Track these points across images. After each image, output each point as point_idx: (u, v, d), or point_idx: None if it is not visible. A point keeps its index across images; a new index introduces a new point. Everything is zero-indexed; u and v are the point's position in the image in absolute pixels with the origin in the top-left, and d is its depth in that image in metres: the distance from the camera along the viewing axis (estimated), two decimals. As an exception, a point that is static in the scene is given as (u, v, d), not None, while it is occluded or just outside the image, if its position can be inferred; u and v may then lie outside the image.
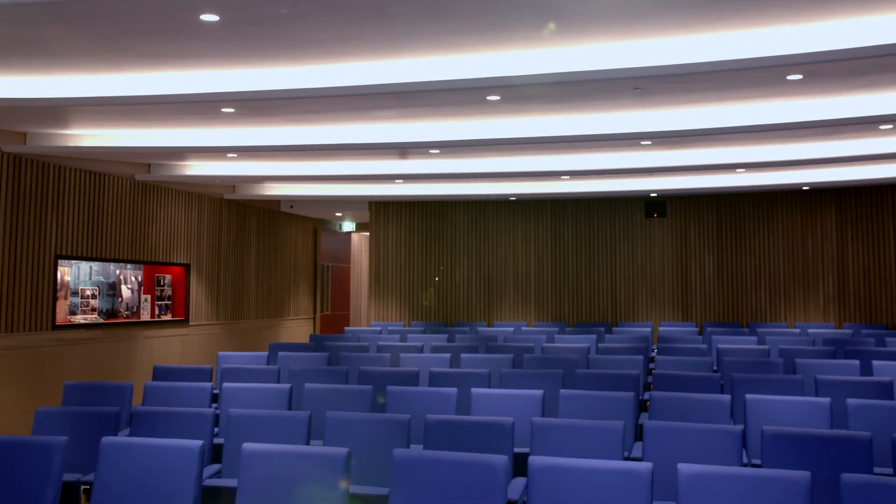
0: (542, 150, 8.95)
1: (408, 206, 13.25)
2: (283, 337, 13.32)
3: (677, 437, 4.12)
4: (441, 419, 4.52)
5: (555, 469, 3.34)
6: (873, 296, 11.53)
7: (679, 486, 3.20)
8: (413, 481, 3.51)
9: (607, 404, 5.08)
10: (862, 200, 11.65)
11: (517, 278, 12.87)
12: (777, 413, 4.84)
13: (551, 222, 12.80)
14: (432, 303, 12.52)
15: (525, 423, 5.02)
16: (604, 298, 12.53)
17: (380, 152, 8.99)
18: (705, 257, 12.20)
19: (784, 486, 3.10)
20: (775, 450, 3.94)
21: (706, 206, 12.23)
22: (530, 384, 6.03)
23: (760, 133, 7.75)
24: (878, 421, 4.67)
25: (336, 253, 15.26)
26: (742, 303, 12.02)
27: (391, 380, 6.35)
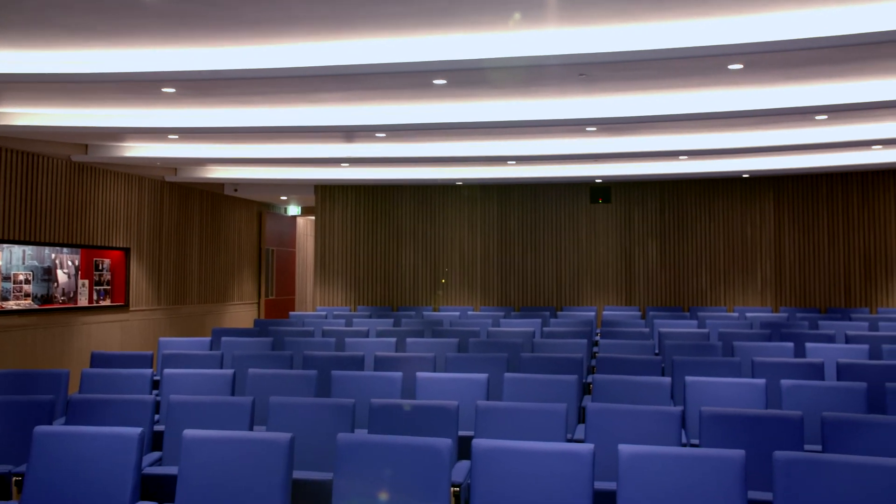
0: (489, 135, 8.97)
1: (354, 190, 13.15)
2: (227, 322, 13.13)
3: (619, 419, 4.19)
4: (386, 403, 4.51)
5: (498, 451, 3.37)
6: (807, 281, 11.90)
7: (619, 466, 3.26)
8: (357, 466, 3.49)
9: (551, 387, 5.14)
10: (798, 189, 11.99)
11: (463, 263, 12.91)
12: (715, 394, 4.96)
13: (497, 207, 12.86)
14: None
15: (470, 407, 5.05)
16: (549, 283, 12.66)
17: (325, 135, 8.89)
18: (648, 243, 12.42)
19: (719, 464, 3.18)
20: (712, 430, 4.04)
21: (650, 193, 12.44)
22: (475, 368, 6.06)
23: (702, 121, 7.90)
24: (810, 400, 4.83)
25: (281, 237, 15.08)
26: (684, 287, 12.28)
27: (336, 364, 6.31)
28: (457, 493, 3.97)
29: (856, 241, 11.76)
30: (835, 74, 6.35)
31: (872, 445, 3.85)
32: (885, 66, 6.11)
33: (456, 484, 3.98)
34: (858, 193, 11.78)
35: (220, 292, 12.97)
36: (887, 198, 11.69)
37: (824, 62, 5.91)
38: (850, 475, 3.07)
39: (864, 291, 11.71)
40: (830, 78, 6.47)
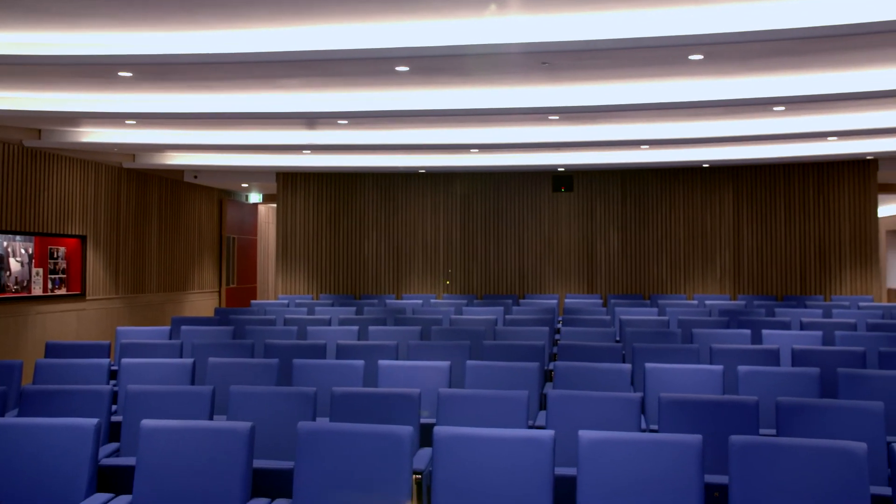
0: (452, 123, 8.95)
1: (316, 178, 13.05)
2: (187, 311, 12.96)
3: (579, 406, 4.23)
4: (347, 391, 4.49)
5: (459, 438, 3.38)
6: (764, 269, 12.12)
7: (579, 451, 3.29)
8: (318, 454, 3.47)
9: (513, 375, 5.17)
10: (756, 179, 12.19)
11: (426, 251, 12.90)
12: (674, 380, 5.04)
13: (460, 195, 12.86)
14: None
15: (432, 395, 5.05)
16: (512, 271, 12.72)
17: (287, 122, 8.79)
18: (610, 231, 12.53)
19: (677, 448, 3.23)
20: (671, 415, 4.10)
21: (611, 182, 12.54)
22: (438, 356, 6.07)
23: (664, 111, 7.97)
24: (765, 386, 4.92)
25: (242, 225, 14.90)
26: (644, 275, 12.42)
27: (298, 353, 6.27)
28: (419, 480, 3.98)
29: (811, 231, 12.01)
30: (793, 66, 6.45)
31: (824, 428, 3.94)
32: (841, 60, 6.23)
33: (418, 471, 3.98)
34: (814, 184, 12.02)
35: (179, 281, 12.79)
36: (841, 188, 11.94)
37: (783, 54, 6.00)
38: (803, 458, 3.14)
39: (818, 280, 11.97)
40: (788, 70, 6.57)
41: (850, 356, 5.79)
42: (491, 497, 3.29)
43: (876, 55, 6.09)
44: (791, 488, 3.11)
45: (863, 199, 11.89)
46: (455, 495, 3.32)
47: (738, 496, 3.15)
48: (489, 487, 3.30)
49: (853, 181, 11.91)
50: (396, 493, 3.37)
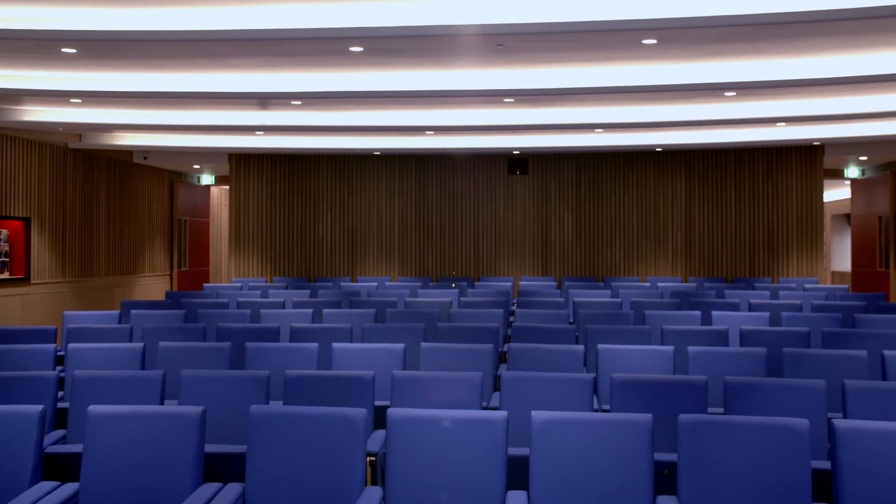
0: (407, 105, 8.90)
1: (269, 159, 12.88)
2: (138, 295, 12.72)
3: (533, 387, 4.27)
4: (301, 374, 4.46)
5: (413, 420, 3.38)
6: (715, 252, 12.35)
7: (532, 432, 3.31)
8: (270, 437, 3.45)
9: (467, 356, 5.18)
10: (708, 163, 12.38)
11: (381, 234, 12.86)
12: (626, 361, 5.10)
13: (416, 178, 12.83)
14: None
15: (387, 377, 5.05)
16: (467, 254, 12.75)
17: (239, 102, 8.64)
18: (564, 214, 12.63)
19: (628, 427, 3.28)
20: (622, 395, 4.16)
21: (566, 165, 12.62)
22: (392, 338, 6.05)
23: (618, 94, 8.04)
24: (714, 366, 5.02)
25: (194, 207, 14.65)
26: (598, 258, 12.56)
27: (251, 336, 6.20)
28: (373, 462, 3.98)
29: (760, 215, 12.26)
30: (743, 53, 6.54)
31: (770, 406, 4.04)
32: (790, 47, 6.34)
33: (372, 453, 3.98)
34: (763, 169, 12.26)
35: (129, 264, 12.54)
36: (789, 174, 12.21)
37: (734, 40, 6.08)
38: (749, 434, 3.21)
39: (766, 262, 12.24)
40: (739, 56, 6.67)
41: (795, 336, 5.93)
42: (445, 478, 3.30)
43: (824, 43, 6.21)
44: (737, 464, 3.18)
45: (809, 184, 12.17)
46: (409, 476, 3.32)
47: (686, 473, 3.21)
48: (443, 468, 3.31)
49: (800, 166, 12.18)
50: (350, 475, 3.37)
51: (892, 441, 3.14)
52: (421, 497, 3.30)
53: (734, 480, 3.17)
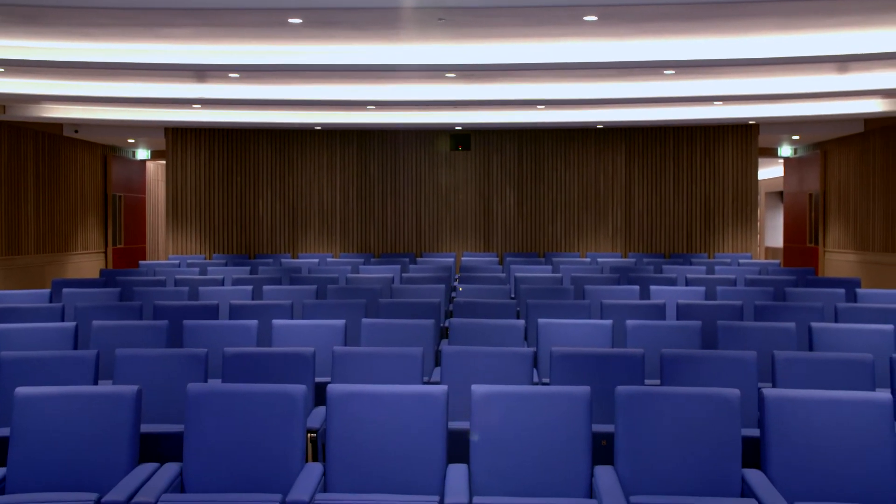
0: (348, 79, 8.78)
1: (207, 134, 12.59)
2: (70, 273, 12.33)
3: (474, 361, 4.29)
4: (239, 352, 4.40)
5: (353, 395, 3.36)
6: (654, 228, 12.59)
7: (472, 405, 3.34)
8: (209, 416, 3.39)
9: (408, 332, 5.18)
10: (648, 141, 12.57)
11: (323, 210, 12.73)
12: (566, 335, 5.17)
13: (357, 153, 12.71)
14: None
15: (327, 354, 5.01)
16: (409, 230, 12.73)
17: (175, 75, 8.39)
18: (506, 190, 12.68)
19: (566, 400, 3.32)
20: (562, 368, 4.21)
21: (508, 141, 12.66)
22: (333, 315, 6.01)
23: (559, 71, 8.07)
24: (652, 339, 5.12)
25: (129, 182, 14.24)
26: (540, 234, 12.68)
27: (189, 314, 6.08)
28: (313, 438, 3.96)
29: (697, 192, 12.53)
30: (682, 31, 6.62)
31: (704, 377, 4.15)
32: (727, 26, 6.44)
33: (312, 430, 3.95)
34: (701, 147, 12.51)
35: (61, 241, 12.14)
36: (725, 151, 12.48)
37: (673, 18, 6.15)
38: (683, 404, 3.30)
39: (703, 238, 12.53)
40: (678, 34, 6.75)
41: (729, 310, 6.10)
42: (385, 452, 3.31)
43: (759, 24, 6.33)
44: (671, 433, 3.26)
45: (745, 162, 12.47)
46: (349, 452, 3.32)
47: (622, 442, 3.28)
48: (384, 443, 3.31)
49: (736, 145, 12.46)
50: (290, 452, 3.34)
51: (817, 408, 3.26)
52: (361, 471, 3.30)
53: (668, 449, 3.25)
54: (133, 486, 3.12)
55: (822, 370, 4.20)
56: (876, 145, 11.50)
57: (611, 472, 3.27)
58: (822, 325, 5.15)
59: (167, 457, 3.84)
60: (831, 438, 3.21)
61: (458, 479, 3.18)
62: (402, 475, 3.28)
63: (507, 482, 3.25)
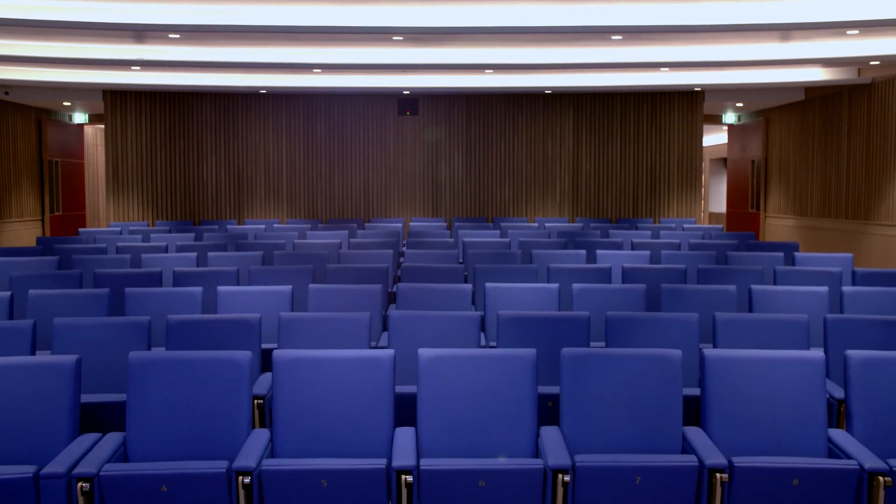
0: (293, 42, 8.60)
1: (148, 97, 12.22)
2: (5, 242, 11.93)
3: (421, 325, 4.30)
4: (184, 319, 4.32)
5: (299, 361, 3.34)
6: (601, 193, 12.72)
7: (419, 369, 3.34)
8: (151, 384, 3.34)
9: (356, 297, 5.16)
10: (595, 106, 12.63)
11: (269, 175, 12.53)
12: (513, 299, 5.21)
13: (304, 118, 12.51)
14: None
15: (274, 320, 4.96)
16: (357, 195, 12.62)
17: (111, 35, 8.09)
18: (455, 156, 12.65)
19: (512, 362, 3.36)
20: (508, 332, 4.25)
21: (456, 106, 12.59)
22: (280, 281, 5.94)
23: (507, 35, 8.01)
24: (597, 302, 5.20)
25: (66, 147, 13.77)
26: (488, 199, 12.70)
27: (131, 282, 5.94)
28: (260, 405, 3.93)
29: (644, 158, 12.67)
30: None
31: (648, 339, 4.23)
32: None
33: (259, 396, 3.92)
34: (647, 113, 12.62)
35: (-5, 208, 11.72)
36: (671, 118, 12.63)
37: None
38: (626, 365, 3.36)
39: (649, 203, 12.72)
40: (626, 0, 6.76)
41: (673, 273, 6.21)
42: (333, 417, 3.30)
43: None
44: (615, 393, 3.33)
45: (690, 128, 12.64)
46: (296, 417, 3.30)
47: (568, 403, 3.33)
48: (331, 408, 3.31)
49: (682, 111, 12.61)
50: (236, 418, 3.32)
51: (754, 367, 3.36)
52: (308, 437, 3.29)
53: (612, 408, 3.32)
54: (74, 457, 3.07)
55: (761, 331, 4.32)
56: (815, 113, 11.77)
57: (556, 432, 3.32)
58: (762, 288, 5.29)
59: (111, 427, 3.78)
60: (767, 395, 3.32)
61: (406, 442, 3.20)
62: (350, 439, 3.29)
63: (455, 444, 3.29)
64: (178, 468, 2.98)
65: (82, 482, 2.93)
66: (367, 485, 2.96)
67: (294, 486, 2.97)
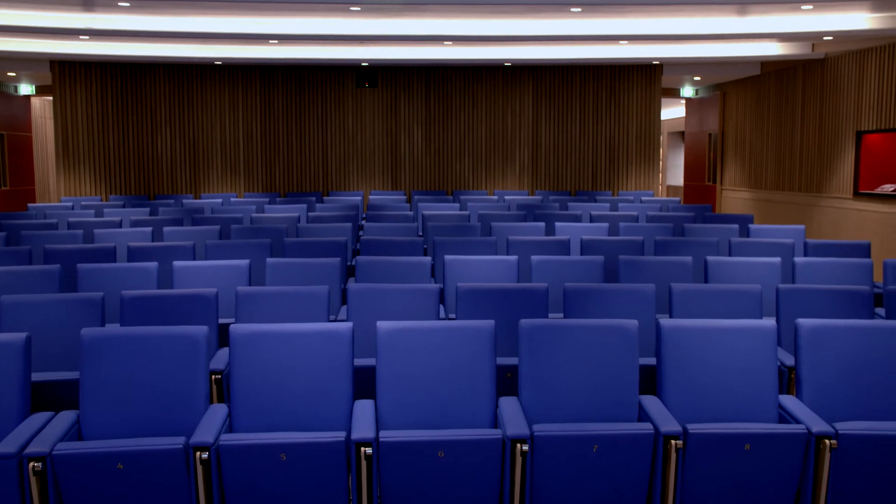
0: (248, 11, 8.41)
1: (99, 68, 11.89)
2: (-48, 217, 11.58)
3: (380, 298, 4.28)
4: (138, 294, 4.25)
5: (256, 335, 3.31)
6: (560, 166, 12.77)
7: (378, 341, 3.33)
8: (106, 361, 3.28)
9: (315, 271, 5.12)
10: (555, 79, 12.63)
11: (225, 148, 12.32)
12: (472, 271, 5.22)
13: (261, 90, 12.29)
14: None
15: (232, 295, 4.90)
16: (315, 168, 12.49)
17: (58, 1, 7.83)
18: (414, 128, 12.57)
19: (471, 334, 3.36)
20: (467, 304, 4.25)
21: (416, 78, 12.49)
22: (237, 255, 5.87)
23: (466, 6, 7.94)
24: (556, 274, 5.23)
25: (13, 119, 13.35)
26: (448, 172, 12.67)
27: (83, 258, 5.82)
28: (218, 380, 3.89)
29: (602, 130, 12.73)
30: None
31: (606, 309, 4.27)
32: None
33: (217, 371, 3.88)
34: (607, 86, 12.66)
35: (-60, 183, 11.35)
36: (630, 91, 12.69)
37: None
38: (584, 336, 3.39)
39: (608, 176, 12.80)
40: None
41: (630, 245, 6.27)
42: (291, 391, 3.28)
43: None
44: (573, 363, 3.36)
45: (648, 102, 12.72)
46: (254, 392, 3.27)
47: (526, 373, 3.35)
48: (289, 382, 3.29)
49: (640, 85, 12.68)
50: (194, 394, 3.28)
51: (709, 336, 3.41)
52: (267, 411, 3.27)
53: (570, 378, 3.35)
54: (25, 437, 3.00)
55: (716, 301, 4.39)
56: (771, 88, 11.93)
57: (514, 402, 3.35)
58: (717, 259, 5.37)
59: (64, 406, 3.71)
60: (721, 363, 3.38)
61: (365, 415, 3.20)
62: (309, 413, 3.27)
63: (414, 416, 3.29)
64: (134, 445, 2.94)
65: (34, 462, 2.87)
66: (326, 457, 2.95)
67: (253, 461, 2.95)
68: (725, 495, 3.12)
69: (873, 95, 9.45)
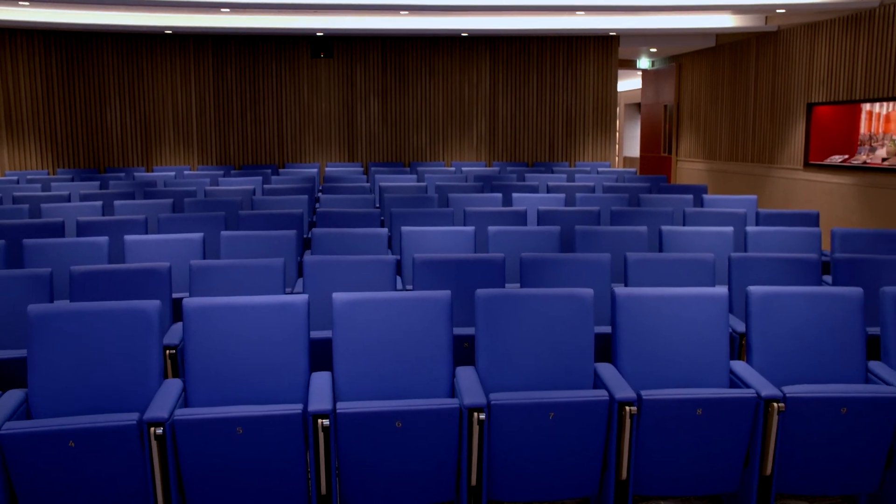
0: (199, -22, 8.20)
1: (41, 37, 11.49)
2: None
3: (337, 270, 4.25)
4: (88, 270, 4.15)
5: (210, 309, 3.26)
6: (518, 137, 12.77)
7: (334, 313, 3.31)
8: (55, 338, 3.20)
9: (270, 244, 5.06)
10: (512, 50, 12.58)
11: (178, 120, 12.05)
12: (430, 242, 5.21)
13: (213, 61, 12.03)
14: None
15: (185, 269, 4.83)
16: (271, 140, 12.31)
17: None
18: (371, 99, 12.44)
19: (428, 304, 3.36)
20: (424, 275, 4.25)
21: (372, 49, 12.33)
22: (191, 228, 5.77)
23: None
24: (513, 244, 5.25)
25: (-45, 91, 12.87)
26: (405, 143, 12.59)
27: (30, 233, 5.67)
28: (172, 355, 3.83)
29: (559, 102, 12.75)
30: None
31: (562, 279, 4.30)
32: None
33: (171, 346, 3.83)
34: (564, 57, 12.65)
35: None
36: (587, 62, 12.70)
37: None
38: (540, 305, 3.41)
39: (565, 147, 12.85)
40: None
41: (587, 215, 6.32)
42: (247, 364, 3.25)
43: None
44: (529, 332, 3.38)
45: (605, 73, 12.75)
46: (209, 366, 3.24)
47: (483, 343, 3.37)
48: (244, 355, 3.25)
49: (597, 56, 12.69)
50: (147, 369, 3.23)
51: (662, 304, 3.46)
52: (222, 385, 3.24)
53: (526, 347, 3.37)
54: (-30, 415, 2.93)
55: (669, 269, 4.45)
56: (725, 60, 12.05)
57: (472, 372, 3.36)
58: (671, 229, 5.44)
59: (12, 385, 3.63)
60: (674, 331, 3.43)
61: (322, 386, 3.19)
62: (265, 386, 3.25)
63: (371, 386, 3.29)
64: (85, 422, 2.88)
65: (-20, 441, 2.80)
66: (283, 430, 2.94)
67: (208, 436, 2.92)
68: (678, 458, 3.18)
69: (824, 68, 9.61)
